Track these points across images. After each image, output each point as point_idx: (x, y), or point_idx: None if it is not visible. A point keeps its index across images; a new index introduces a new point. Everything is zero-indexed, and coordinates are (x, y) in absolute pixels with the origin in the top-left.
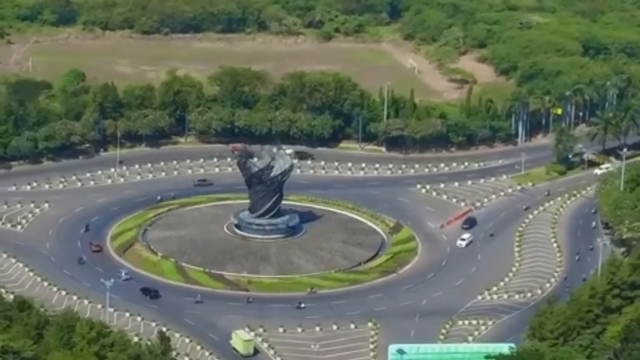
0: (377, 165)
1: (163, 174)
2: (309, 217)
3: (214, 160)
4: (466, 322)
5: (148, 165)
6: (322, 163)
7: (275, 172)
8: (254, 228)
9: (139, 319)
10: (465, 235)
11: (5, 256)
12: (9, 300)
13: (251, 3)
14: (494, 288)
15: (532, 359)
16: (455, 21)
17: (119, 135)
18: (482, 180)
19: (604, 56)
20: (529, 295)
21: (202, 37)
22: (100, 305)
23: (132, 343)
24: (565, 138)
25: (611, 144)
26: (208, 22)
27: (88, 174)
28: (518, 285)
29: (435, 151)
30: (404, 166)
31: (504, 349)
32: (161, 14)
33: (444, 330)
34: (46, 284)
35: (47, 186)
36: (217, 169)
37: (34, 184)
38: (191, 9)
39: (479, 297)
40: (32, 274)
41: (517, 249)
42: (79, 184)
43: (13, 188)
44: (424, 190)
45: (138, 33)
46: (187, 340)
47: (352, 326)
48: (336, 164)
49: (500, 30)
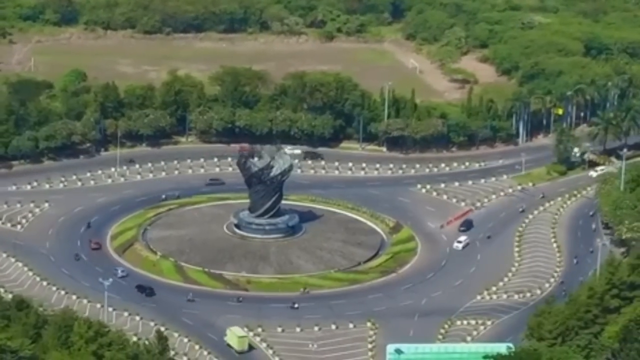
0: (377, 165)
1: (163, 173)
2: (309, 216)
3: (215, 160)
4: (465, 322)
5: (149, 164)
6: (323, 163)
7: (274, 172)
8: (253, 228)
9: (137, 318)
10: (462, 238)
11: (5, 255)
12: (8, 299)
13: (253, 3)
14: (493, 288)
15: (529, 359)
16: (457, 21)
17: (119, 135)
18: (482, 180)
19: (605, 56)
20: (528, 295)
21: (204, 37)
22: (99, 305)
23: (130, 342)
24: (565, 138)
25: (612, 144)
26: (210, 22)
27: (88, 174)
28: (517, 286)
29: (436, 151)
30: (404, 166)
31: (502, 349)
32: (163, 14)
33: (442, 330)
34: (45, 283)
35: (47, 186)
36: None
37: (35, 184)
38: (193, 9)
39: (478, 297)
40: (31, 273)
41: (516, 249)
42: (79, 184)
43: (13, 187)
44: (424, 190)
45: (140, 33)
46: (185, 339)
47: (350, 326)
48: (337, 163)
49: (502, 30)
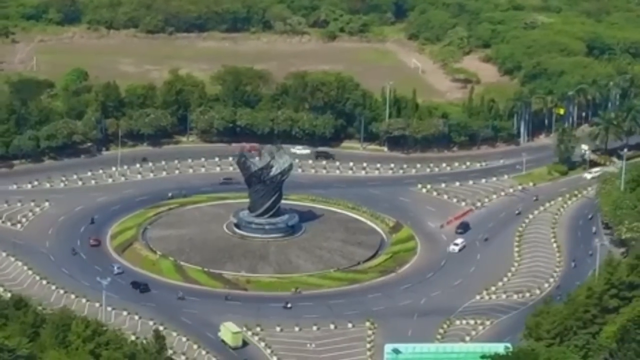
0: (378, 165)
1: (164, 173)
2: (309, 216)
3: (216, 159)
4: (464, 321)
5: (149, 164)
6: (324, 162)
7: (274, 171)
8: (253, 227)
9: (136, 317)
10: (459, 240)
11: (4, 255)
12: (6, 298)
13: (256, 2)
14: (493, 288)
15: (527, 359)
16: (460, 21)
17: (120, 135)
18: (483, 180)
19: (608, 56)
20: (528, 295)
21: (207, 37)
22: (98, 304)
23: (128, 341)
24: (566, 138)
25: (614, 144)
26: (213, 22)
27: (89, 173)
28: (516, 285)
29: (437, 151)
30: (405, 166)
31: (500, 349)
32: (166, 14)
33: (441, 330)
34: (45, 282)
35: (48, 185)
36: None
37: (35, 183)
38: (196, 9)
39: (477, 297)
40: (30, 272)
41: (516, 249)
42: (80, 183)
43: (14, 187)
44: (424, 190)
45: (143, 32)
46: (183, 338)
47: (349, 325)
48: (337, 163)
49: (504, 30)
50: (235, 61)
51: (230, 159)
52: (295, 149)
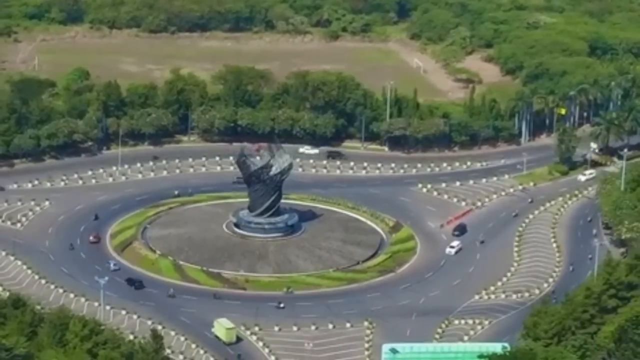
0: (379, 165)
1: (165, 172)
2: (309, 216)
3: (217, 159)
4: (462, 321)
5: (150, 163)
6: (324, 162)
7: (274, 171)
8: (252, 227)
9: (134, 316)
10: (455, 243)
11: (4, 254)
12: (5, 297)
13: (258, 2)
14: (492, 288)
15: (524, 359)
16: (462, 21)
17: (121, 134)
18: (484, 180)
19: (610, 56)
20: (527, 295)
21: (209, 36)
22: (96, 303)
23: (126, 341)
24: (567, 138)
25: (614, 144)
26: (215, 21)
27: (90, 172)
28: (516, 285)
29: (438, 151)
30: (406, 165)
31: (498, 349)
32: (168, 13)
33: (440, 329)
34: (44, 281)
35: (48, 184)
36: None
37: (36, 182)
38: (198, 8)
39: (476, 296)
40: (30, 271)
41: (515, 249)
42: (81, 182)
43: (15, 186)
44: (425, 190)
45: (145, 32)
46: (182, 338)
47: (348, 325)
48: (338, 162)
49: (507, 30)
50: (237, 61)
51: (231, 158)
52: (303, 149)
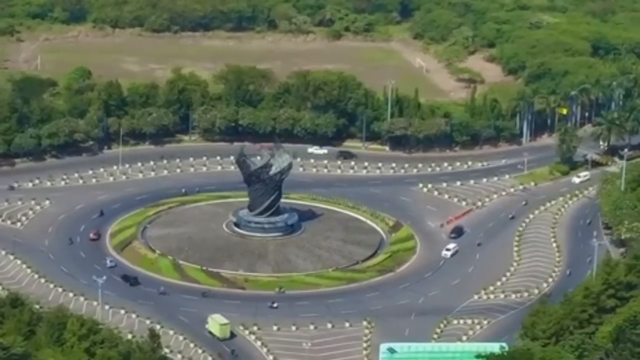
0: (379, 164)
1: (165, 171)
2: (309, 215)
3: (217, 158)
4: (461, 321)
5: (151, 163)
6: (325, 162)
7: (273, 170)
8: (252, 226)
9: (133, 316)
10: (451, 245)
11: (3, 253)
12: (3, 296)
13: (261, 2)
14: (491, 288)
15: (522, 359)
16: (465, 20)
17: (121, 133)
18: (484, 180)
19: (613, 56)
20: (526, 295)
21: (212, 36)
22: (95, 302)
23: (123, 340)
24: (568, 138)
25: (617, 144)
26: (218, 21)
27: (90, 172)
28: (515, 285)
29: (439, 150)
30: (407, 165)
31: (495, 349)
32: (171, 12)
33: (438, 329)
34: (43, 280)
35: (48, 183)
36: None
37: (36, 181)
38: (201, 8)
39: (476, 296)
40: (29, 270)
41: (515, 249)
42: (81, 182)
43: (15, 185)
44: (425, 190)
45: (148, 31)
46: (180, 337)
47: (346, 325)
48: (339, 162)
49: (509, 30)
50: (240, 60)
51: (232, 158)
52: (312, 149)
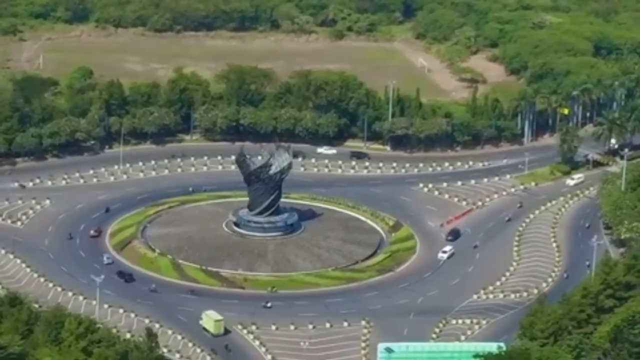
0: (380, 164)
1: (166, 171)
2: (309, 215)
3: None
4: (460, 321)
5: (152, 162)
6: (326, 161)
7: (273, 170)
8: (252, 226)
9: (132, 315)
10: (447, 248)
11: (3, 252)
12: (1, 295)
13: (264, 1)
14: (490, 287)
15: (519, 359)
16: (468, 20)
17: (123, 133)
18: (485, 180)
19: (615, 56)
20: (525, 294)
21: (215, 35)
22: (94, 302)
23: (121, 339)
24: (569, 138)
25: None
26: (221, 20)
27: (91, 171)
28: (514, 285)
29: (440, 150)
30: (407, 165)
31: (493, 348)
32: (174, 12)
33: (437, 329)
34: (42, 280)
35: (49, 183)
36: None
37: (37, 181)
38: (204, 7)
39: (475, 296)
40: (29, 270)
41: (515, 249)
42: (82, 181)
43: (16, 184)
44: (426, 190)
45: (150, 31)
46: (179, 336)
47: (345, 324)
48: (340, 162)
49: (512, 30)
50: (242, 60)
51: (233, 157)
52: (321, 149)
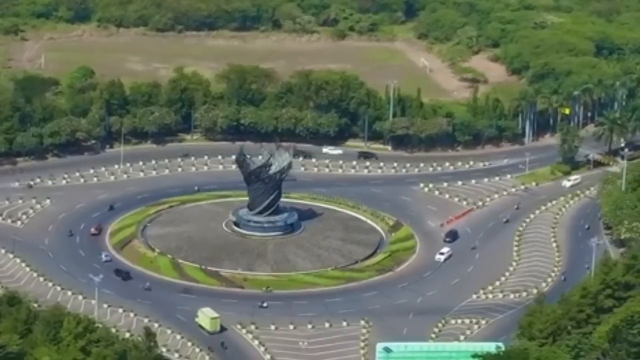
0: (381, 164)
1: (167, 171)
2: (309, 214)
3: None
4: (459, 321)
5: (152, 162)
6: (327, 161)
7: (273, 169)
8: (252, 225)
9: (131, 315)
10: (444, 249)
11: (3, 252)
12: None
13: (266, 1)
14: (490, 287)
15: (518, 359)
16: (469, 20)
17: (123, 132)
18: (485, 180)
19: (617, 56)
20: (524, 294)
21: (216, 35)
22: (94, 301)
23: (119, 339)
24: (570, 138)
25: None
26: (222, 20)
27: (92, 171)
28: (514, 285)
29: (441, 150)
30: (408, 165)
31: (492, 348)
32: (176, 12)
33: (436, 329)
34: (42, 279)
35: (50, 182)
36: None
37: (38, 180)
38: (205, 7)
39: (474, 296)
40: (28, 269)
41: (515, 248)
42: (82, 181)
43: (16, 184)
44: (426, 189)
45: (152, 30)
46: (178, 336)
47: (344, 324)
48: (340, 162)
49: (514, 30)
50: (244, 60)
51: (234, 157)
52: (326, 149)
